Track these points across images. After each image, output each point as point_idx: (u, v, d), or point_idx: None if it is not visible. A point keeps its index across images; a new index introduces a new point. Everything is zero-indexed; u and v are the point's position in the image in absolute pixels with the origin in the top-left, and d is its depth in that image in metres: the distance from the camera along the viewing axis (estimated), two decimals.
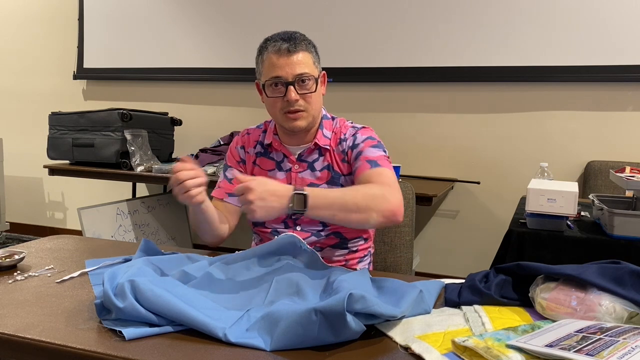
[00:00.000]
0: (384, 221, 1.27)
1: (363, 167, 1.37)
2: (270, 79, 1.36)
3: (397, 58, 3.11)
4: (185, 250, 1.34)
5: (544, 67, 2.85)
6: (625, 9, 2.71)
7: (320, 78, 1.42)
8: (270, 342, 0.85)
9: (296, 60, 1.34)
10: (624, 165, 2.49)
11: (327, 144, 1.45)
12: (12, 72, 4.15)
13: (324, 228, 1.42)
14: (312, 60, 1.39)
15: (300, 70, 1.34)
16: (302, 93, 1.36)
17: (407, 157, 3.14)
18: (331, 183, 1.43)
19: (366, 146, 1.41)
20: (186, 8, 3.56)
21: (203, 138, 3.53)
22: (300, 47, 1.36)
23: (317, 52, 1.43)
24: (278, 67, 1.34)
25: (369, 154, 1.39)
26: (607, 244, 1.75)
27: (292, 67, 1.34)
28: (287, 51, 1.34)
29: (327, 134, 1.46)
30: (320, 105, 1.44)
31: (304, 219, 1.41)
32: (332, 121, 1.49)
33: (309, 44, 1.40)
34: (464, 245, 3.14)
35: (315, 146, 1.44)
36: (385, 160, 1.40)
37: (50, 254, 1.34)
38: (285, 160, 1.46)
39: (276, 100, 1.38)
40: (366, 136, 1.44)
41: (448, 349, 0.82)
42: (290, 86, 1.34)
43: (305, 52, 1.37)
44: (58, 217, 4.17)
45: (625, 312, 0.90)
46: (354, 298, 0.83)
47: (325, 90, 1.46)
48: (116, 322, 0.90)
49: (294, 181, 1.43)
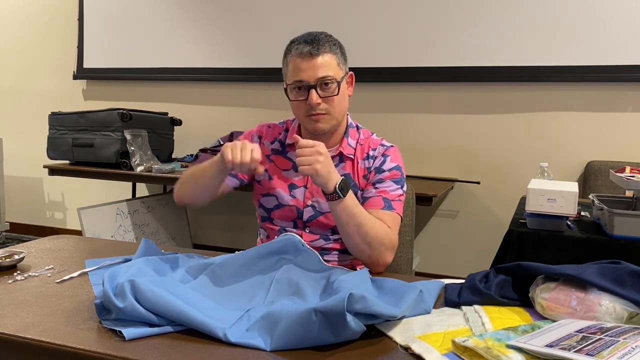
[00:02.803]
0: (367, 263, 1.34)
1: (376, 203, 1.38)
2: (293, 83, 1.36)
3: (397, 58, 3.11)
4: (185, 250, 1.34)
5: (544, 67, 2.85)
6: (625, 9, 2.71)
7: (346, 78, 1.41)
8: (270, 342, 0.85)
9: (318, 64, 1.34)
10: (624, 165, 2.49)
11: (352, 153, 1.45)
12: (12, 72, 4.15)
13: (333, 234, 1.42)
14: (337, 61, 1.37)
15: (322, 73, 1.34)
16: (325, 96, 1.35)
17: (407, 157, 3.09)
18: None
19: (389, 177, 1.41)
20: (186, 8, 3.56)
21: (203, 138, 3.53)
22: (323, 49, 1.35)
23: (344, 52, 1.42)
24: (301, 70, 1.34)
25: (388, 189, 1.40)
26: (607, 244, 1.74)
27: (314, 70, 1.33)
28: (309, 54, 1.33)
29: (352, 143, 1.46)
30: (345, 108, 1.42)
31: (314, 222, 1.41)
32: (357, 131, 1.49)
33: (333, 44, 1.38)
34: (464, 245, 3.14)
35: (338, 154, 1.44)
36: (399, 202, 1.41)
37: (50, 254, 1.34)
38: None
39: (300, 104, 1.37)
40: (394, 165, 1.43)
41: (448, 349, 0.82)
42: (312, 90, 1.33)
43: (329, 53, 1.36)
44: (58, 217, 4.17)
45: (625, 312, 0.90)
46: (354, 298, 0.83)
47: (352, 92, 1.45)
48: (116, 322, 0.90)
49: (310, 184, 1.43)
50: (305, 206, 1.41)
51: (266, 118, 1.51)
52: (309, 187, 1.43)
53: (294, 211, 1.42)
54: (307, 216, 1.41)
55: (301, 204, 1.42)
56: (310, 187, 1.42)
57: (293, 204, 1.42)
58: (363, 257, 1.33)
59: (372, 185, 1.42)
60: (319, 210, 1.41)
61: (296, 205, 1.42)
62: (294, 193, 1.43)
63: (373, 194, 1.40)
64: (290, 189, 1.44)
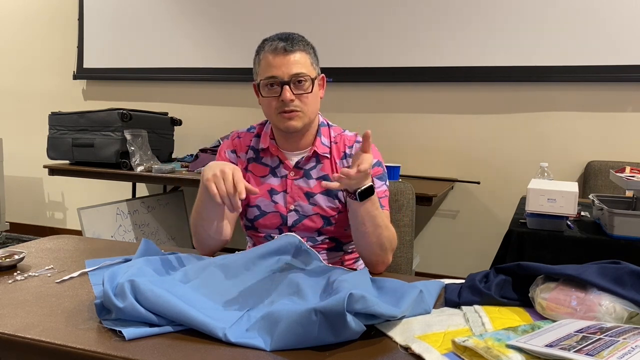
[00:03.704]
0: (373, 262, 1.33)
1: None
2: (265, 79, 1.34)
3: (397, 58, 3.11)
4: (185, 250, 1.34)
5: (544, 67, 2.85)
6: (625, 8, 2.71)
7: (318, 80, 1.40)
8: (270, 342, 0.85)
9: (293, 60, 1.32)
10: (624, 165, 2.49)
11: (327, 152, 1.43)
12: (12, 72, 4.15)
13: (320, 235, 1.41)
14: (310, 61, 1.37)
15: (296, 70, 1.32)
16: (298, 93, 1.33)
17: (407, 157, 3.14)
18: (329, 194, 1.40)
19: (373, 175, 1.38)
20: (186, 8, 3.56)
21: (203, 138, 3.53)
22: (297, 47, 1.34)
23: (316, 54, 1.41)
24: (274, 66, 1.32)
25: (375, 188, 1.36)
26: (607, 244, 1.75)
27: (288, 66, 1.32)
28: (283, 50, 1.32)
29: (325, 141, 1.44)
30: (317, 108, 1.41)
31: (300, 226, 1.40)
32: (328, 128, 1.47)
33: (307, 44, 1.38)
34: (464, 245, 3.14)
35: (313, 154, 1.42)
36: (386, 199, 1.40)
37: (50, 254, 1.34)
38: (280, 166, 1.43)
39: (271, 100, 1.35)
40: (375, 161, 1.39)
41: (448, 349, 0.82)
42: (285, 86, 1.31)
43: (303, 52, 1.35)
44: (58, 217, 4.17)
45: (625, 312, 0.90)
46: (354, 298, 0.83)
47: (323, 94, 1.43)
48: (116, 322, 0.90)
49: (290, 188, 1.40)
50: (289, 211, 1.40)
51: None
52: (289, 192, 1.40)
53: (278, 217, 1.40)
54: (291, 221, 1.39)
55: (284, 209, 1.40)
56: (290, 192, 1.40)
57: (276, 209, 1.40)
58: (371, 257, 1.32)
59: None
60: (302, 214, 1.39)
61: (279, 211, 1.40)
62: (275, 199, 1.41)
63: None
64: (271, 195, 1.41)
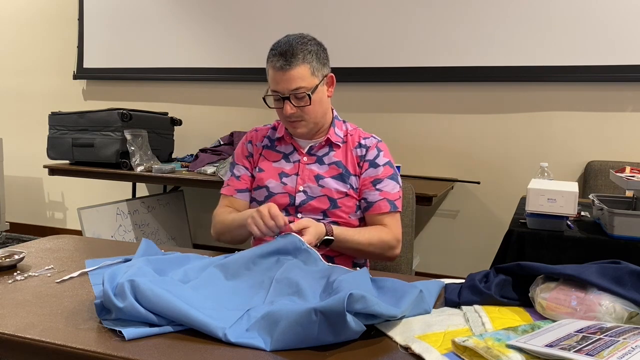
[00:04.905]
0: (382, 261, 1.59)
1: (382, 206, 1.47)
2: (270, 92, 1.45)
3: (397, 58, 3.11)
4: (185, 250, 1.34)
5: (544, 67, 2.85)
6: (625, 9, 2.71)
7: (324, 82, 1.46)
8: (270, 342, 0.85)
9: (290, 77, 1.39)
10: (624, 165, 2.49)
11: (339, 140, 1.52)
12: (12, 72, 4.15)
13: (325, 217, 1.47)
14: (310, 71, 1.41)
15: (294, 85, 1.40)
16: (299, 106, 1.42)
17: (407, 157, 3.14)
18: (339, 179, 1.48)
19: (386, 175, 1.49)
20: (186, 8, 3.56)
21: (203, 138, 3.53)
22: (295, 61, 1.39)
23: (319, 57, 1.44)
24: (276, 82, 1.42)
25: (389, 190, 1.48)
26: (607, 244, 1.74)
27: (287, 82, 1.40)
28: (281, 69, 1.39)
29: (339, 132, 1.53)
30: (323, 110, 1.48)
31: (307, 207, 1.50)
32: (343, 123, 1.56)
33: (308, 53, 1.41)
34: (464, 245, 3.14)
35: (326, 142, 1.51)
36: (400, 200, 1.52)
37: (50, 254, 1.34)
38: (294, 152, 1.53)
39: (279, 110, 1.46)
40: (387, 160, 1.51)
41: (448, 349, 0.82)
42: (286, 100, 1.41)
43: (302, 64, 1.39)
44: (58, 217, 4.17)
45: (625, 312, 0.90)
46: (354, 298, 0.83)
47: (332, 92, 1.50)
48: (116, 322, 0.90)
49: (301, 171, 1.49)
50: (297, 192, 1.48)
51: (266, 118, 1.54)
52: (300, 174, 1.49)
53: (286, 197, 1.48)
54: (299, 201, 1.47)
55: (293, 190, 1.48)
56: (301, 174, 1.49)
57: (285, 191, 1.49)
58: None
59: (373, 186, 1.48)
60: (310, 195, 1.47)
61: (288, 192, 1.48)
62: (285, 180, 1.50)
63: (377, 198, 1.47)
64: (281, 177, 1.50)
